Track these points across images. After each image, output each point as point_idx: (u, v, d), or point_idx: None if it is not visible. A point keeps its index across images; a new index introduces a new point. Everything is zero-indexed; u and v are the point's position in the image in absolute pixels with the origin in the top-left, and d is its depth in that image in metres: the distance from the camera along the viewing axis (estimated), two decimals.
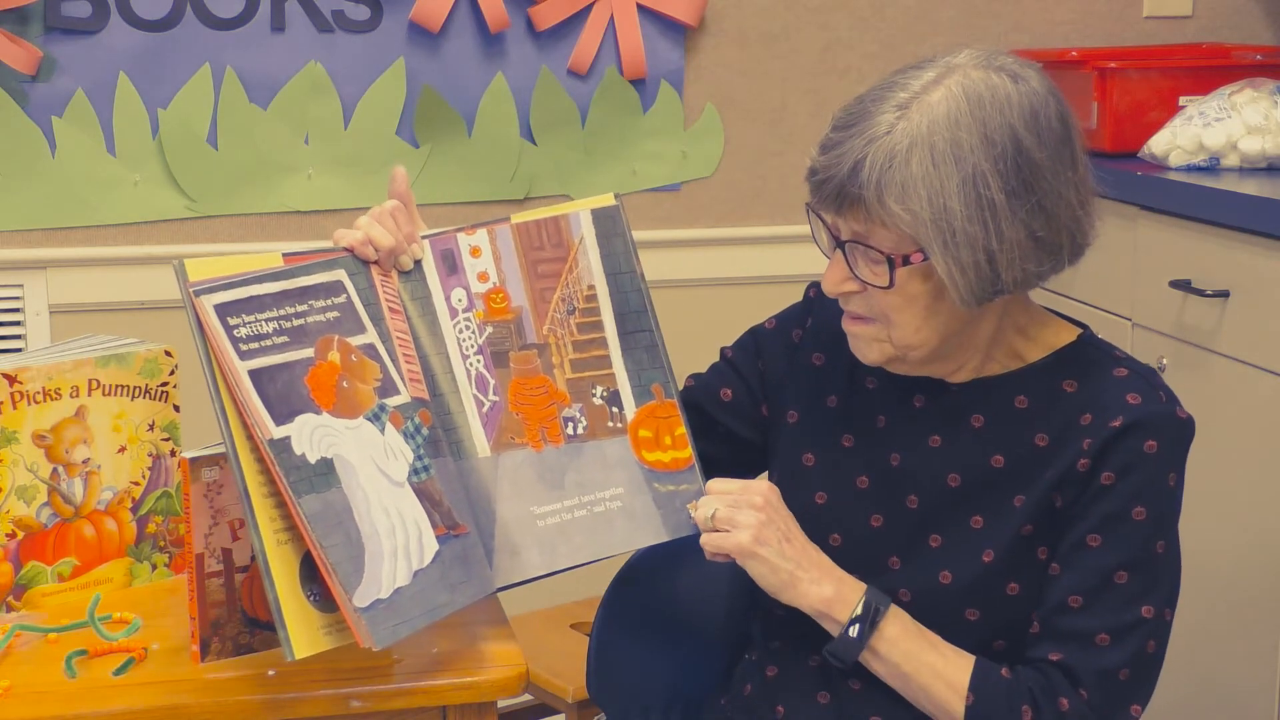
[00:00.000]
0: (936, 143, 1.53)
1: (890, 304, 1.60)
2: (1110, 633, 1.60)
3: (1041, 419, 1.66)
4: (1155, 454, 1.61)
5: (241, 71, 2.96)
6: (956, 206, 1.53)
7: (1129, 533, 1.60)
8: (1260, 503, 2.47)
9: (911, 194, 1.53)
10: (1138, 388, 1.64)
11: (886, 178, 1.53)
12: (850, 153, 1.55)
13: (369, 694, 1.59)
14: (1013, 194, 1.55)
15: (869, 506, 1.72)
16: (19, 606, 1.78)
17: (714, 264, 3.22)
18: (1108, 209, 2.86)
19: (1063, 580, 1.62)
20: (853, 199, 1.56)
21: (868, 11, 3.21)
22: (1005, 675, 1.62)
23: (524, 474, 1.68)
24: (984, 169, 1.54)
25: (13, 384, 1.75)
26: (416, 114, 3.03)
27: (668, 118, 3.15)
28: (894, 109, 1.55)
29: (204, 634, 1.64)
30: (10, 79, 2.87)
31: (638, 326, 1.74)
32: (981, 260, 1.56)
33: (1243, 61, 3.02)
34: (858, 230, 1.58)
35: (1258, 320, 2.48)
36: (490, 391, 1.69)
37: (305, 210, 3.04)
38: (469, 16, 3.03)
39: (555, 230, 1.74)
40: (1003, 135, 1.55)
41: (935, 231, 1.54)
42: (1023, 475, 1.65)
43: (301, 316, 1.59)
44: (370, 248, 1.67)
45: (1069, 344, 1.70)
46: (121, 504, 1.84)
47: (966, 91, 1.56)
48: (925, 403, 1.71)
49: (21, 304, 2.97)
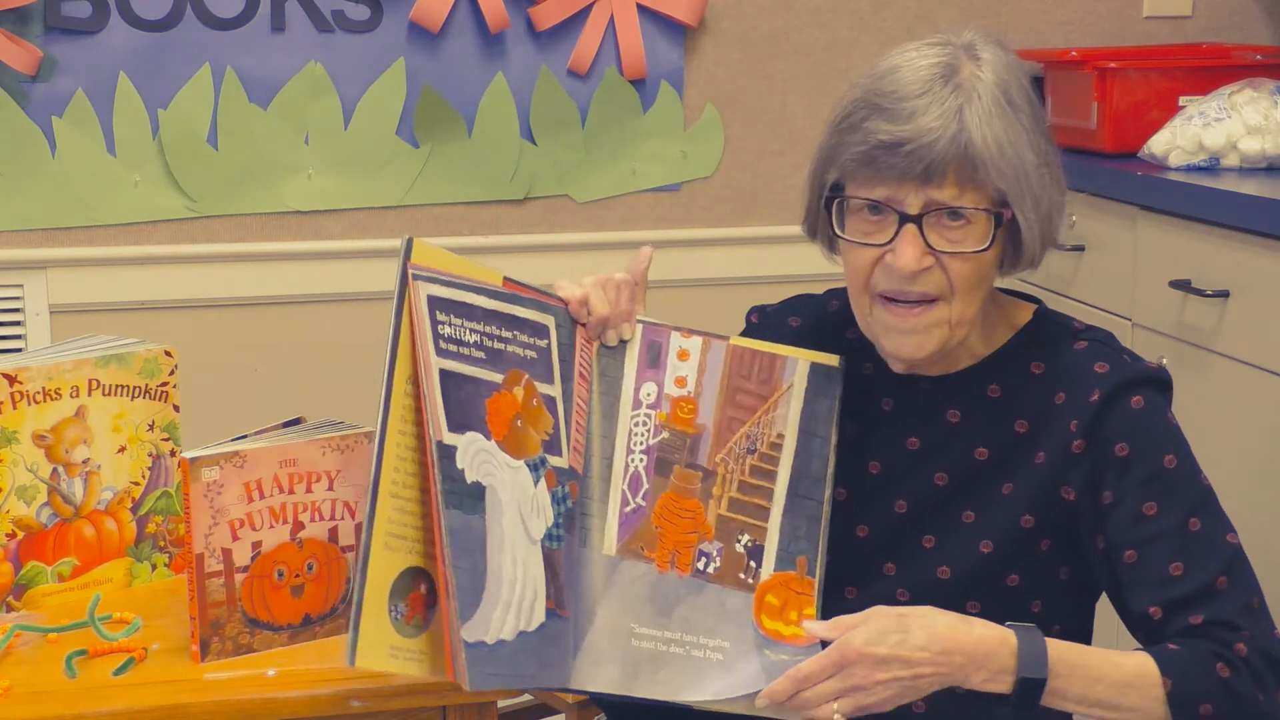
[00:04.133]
0: (999, 99, 1.56)
1: (971, 271, 1.58)
2: (1224, 574, 1.59)
3: (1017, 405, 1.66)
4: (1146, 407, 1.62)
5: (241, 71, 2.96)
6: (1029, 156, 1.57)
7: (1174, 483, 1.61)
8: (1260, 503, 2.47)
9: (1005, 145, 1.55)
10: (1102, 356, 1.65)
11: (989, 134, 1.54)
12: (947, 113, 1.54)
13: (369, 694, 1.59)
14: (1052, 147, 1.61)
15: (851, 518, 1.70)
16: (19, 606, 1.78)
17: (714, 264, 3.22)
18: (1108, 209, 2.87)
19: (1150, 558, 1.60)
20: (957, 160, 1.54)
21: (868, 11, 3.21)
22: (1174, 648, 1.56)
23: (638, 589, 1.61)
24: (1035, 121, 1.59)
25: (13, 384, 1.75)
26: (416, 114, 3.03)
27: (668, 118, 3.15)
28: (945, 75, 1.56)
29: (204, 634, 1.64)
30: (10, 79, 2.87)
31: (810, 494, 1.65)
32: (1047, 213, 1.60)
33: (1243, 61, 3.02)
34: (942, 197, 1.55)
35: (1258, 320, 2.48)
36: (640, 494, 1.63)
37: (305, 210, 3.04)
38: (469, 16, 3.03)
39: (769, 367, 1.67)
40: (1029, 98, 1.60)
41: (1025, 184, 1.56)
42: (1008, 463, 1.65)
43: (504, 343, 1.57)
44: (585, 309, 1.65)
45: (1029, 322, 1.70)
46: (121, 504, 1.84)
47: (995, 57, 1.59)
48: (895, 405, 1.70)
49: (21, 304, 2.97)
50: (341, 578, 1.72)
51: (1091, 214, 2.94)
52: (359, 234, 3.07)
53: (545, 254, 3.15)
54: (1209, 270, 2.57)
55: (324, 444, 1.70)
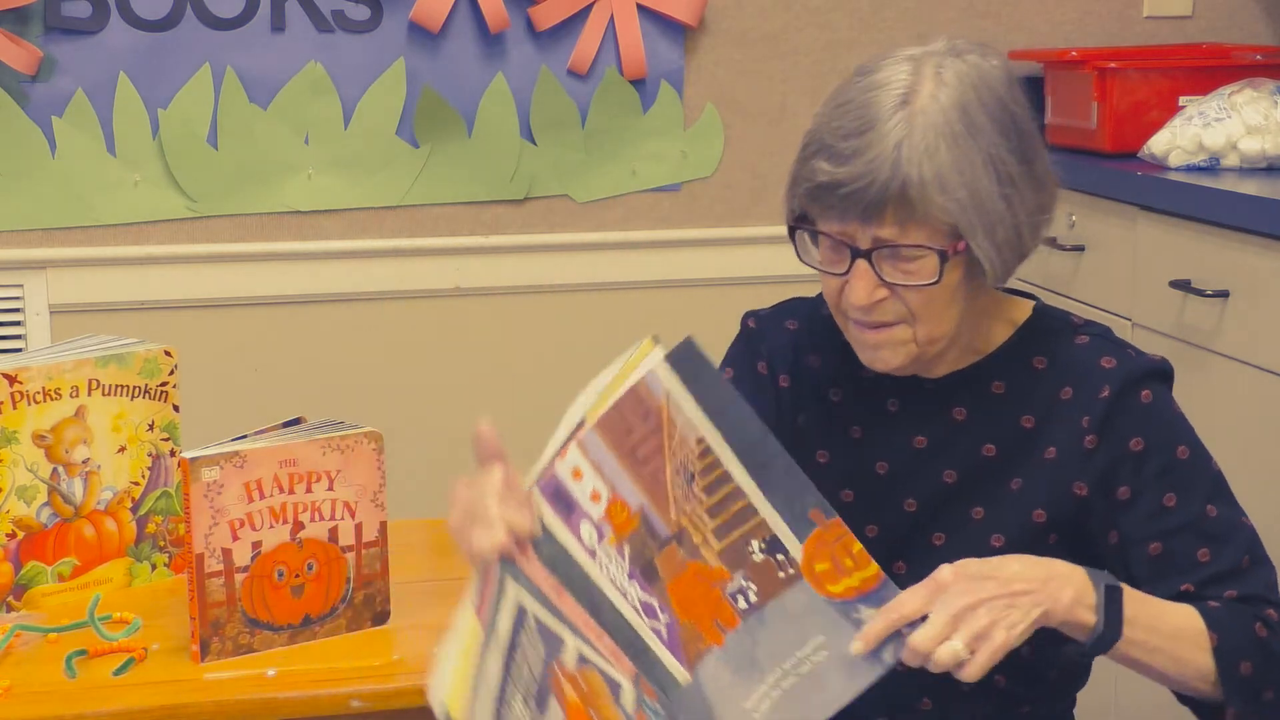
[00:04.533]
0: (955, 128, 1.53)
1: (928, 299, 1.57)
2: (1246, 554, 1.62)
3: (1022, 401, 1.66)
4: (1155, 400, 1.64)
5: (241, 71, 2.96)
6: (985, 184, 1.54)
7: (1190, 473, 1.63)
8: (1260, 503, 2.47)
9: (951, 184, 1.52)
10: (1106, 351, 1.66)
11: (928, 172, 1.51)
12: (883, 155, 1.52)
13: (369, 694, 1.59)
14: (1022, 162, 1.57)
15: (859, 519, 1.69)
16: (19, 606, 1.78)
17: (714, 264, 3.22)
18: (1108, 209, 2.87)
19: (1176, 548, 1.62)
20: (894, 202, 1.52)
21: (868, 11, 3.21)
22: (1215, 605, 1.58)
23: (721, 676, 1.49)
24: (996, 144, 1.55)
25: (13, 384, 1.75)
26: (416, 114, 3.03)
27: (668, 118, 3.15)
28: (902, 104, 1.54)
29: (204, 634, 1.64)
30: (10, 79, 2.87)
31: (766, 456, 1.48)
32: (1012, 235, 1.57)
33: (1243, 61, 3.02)
34: (887, 234, 1.54)
35: (1258, 320, 2.47)
36: (658, 612, 1.49)
37: (305, 210, 3.04)
38: (469, 16, 3.03)
39: (637, 403, 1.47)
40: (998, 109, 1.56)
41: (977, 216, 1.54)
42: (1016, 459, 1.66)
43: (528, 674, 1.45)
44: (513, 543, 1.47)
45: (1028, 318, 1.70)
46: (121, 504, 1.84)
47: (959, 75, 1.56)
48: (900, 406, 1.70)
49: (21, 304, 2.97)
50: (341, 578, 1.71)
51: (1091, 214, 2.94)
52: (359, 234, 3.07)
53: (545, 254, 3.15)
54: (1209, 270, 2.57)
55: (324, 444, 1.69)
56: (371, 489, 1.72)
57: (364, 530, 1.72)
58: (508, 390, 3.17)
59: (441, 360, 3.14)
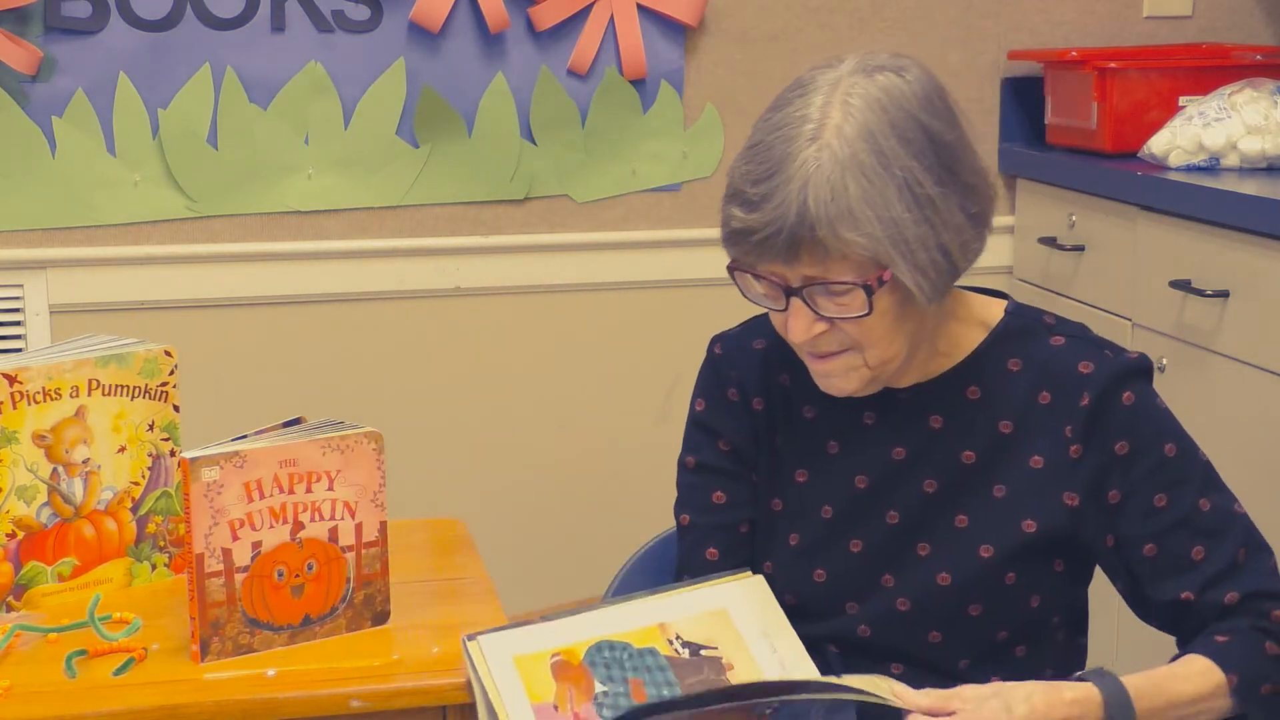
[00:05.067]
0: (863, 160, 1.51)
1: (866, 328, 1.57)
2: (1242, 546, 1.64)
3: (998, 405, 1.66)
4: (1137, 400, 1.63)
5: (241, 71, 2.96)
6: (902, 213, 1.52)
7: (1179, 470, 1.63)
8: (1260, 503, 2.47)
9: (862, 218, 1.50)
10: (1083, 354, 1.65)
11: (834, 211, 1.50)
12: (789, 200, 1.51)
13: (369, 694, 1.59)
14: (942, 182, 1.55)
15: (843, 534, 1.70)
16: (19, 606, 1.78)
17: (714, 264, 3.18)
18: (1108, 209, 2.87)
19: (1171, 547, 1.63)
20: (807, 243, 1.51)
21: (868, 11, 3.21)
22: (1227, 639, 1.60)
23: None
24: (911, 168, 1.53)
25: (13, 384, 1.75)
26: (416, 114, 3.03)
27: (668, 118, 3.15)
28: (807, 141, 1.52)
29: (204, 634, 1.64)
30: (10, 79, 2.87)
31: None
32: (937, 256, 1.55)
33: (1243, 61, 3.02)
34: (812, 273, 1.54)
35: (1258, 320, 2.48)
36: None
37: (305, 210, 3.04)
38: (469, 16, 3.03)
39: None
40: (914, 130, 1.54)
41: (893, 246, 1.52)
42: (996, 464, 1.66)
43: None
44: None
45: (1001, 320, 1.69)
46: (121, 504, 1.84)
47: (866, 101, 1.53)
48: (876, 418, 1.69)
49: (21, 304, 2.97)
50: (341, 578, 1.71)
51: (1091, 214, 2.94)
52: (359, 234, 3.07)
53: (545, 254, 3.15)
54: (1209, 270, 2.57)
55: (324, 444, 1.69)
56: (371, 489, 1.72)
57: (364, 530, 1.72)
58: (508, 390, 3.17)
59: (441, 360, 3.14)
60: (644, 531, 1.99)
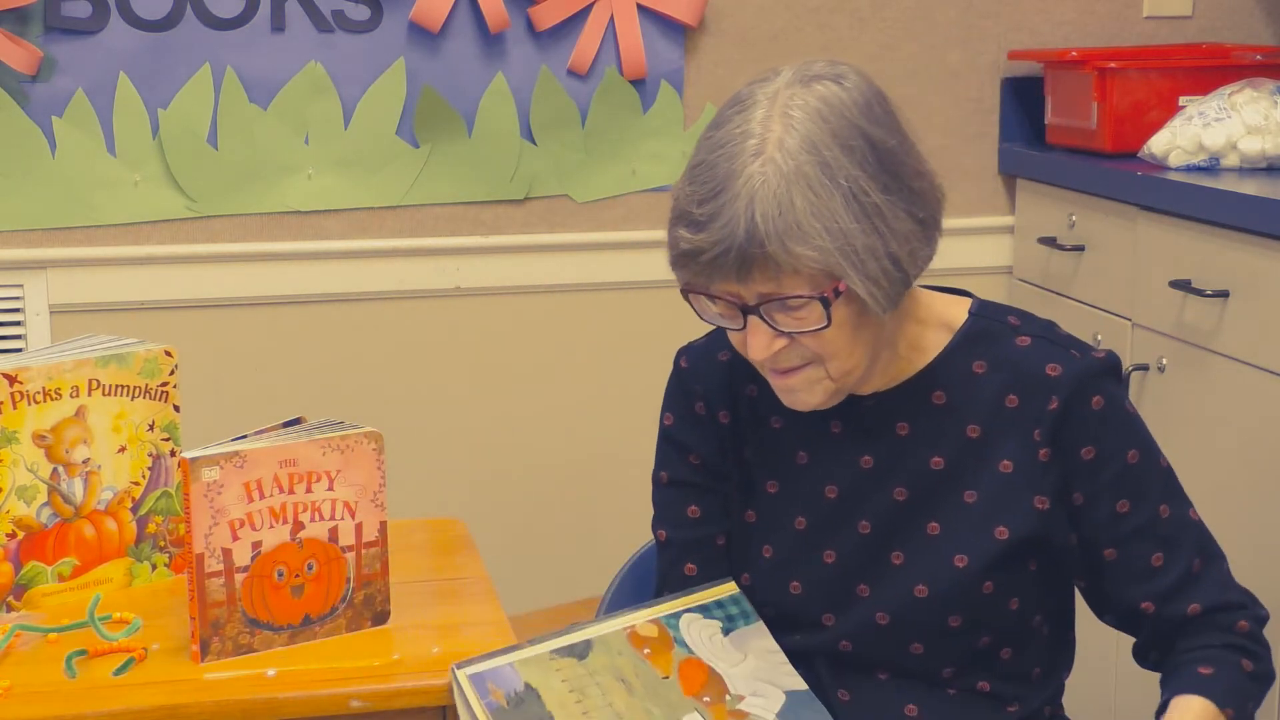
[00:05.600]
0: (808, 172, 1.49)
1: (826, 341, 1.55)
2: (1197, 554, 1.65)
3: (964, 409, 1.65)
4: (1106, 404, 1.63)
5: (241, 71, 2.96)
6: (849, 223, 1.50)
7: (1140, 477, 1.63)
8: (1260, 503, 2.47)
9: (810, 231, 1.49)
10: (1050, 356, 1.64)
11: (783, 226, 1.48)
12: (736, 218, 1.49)
13: (369, 694, 1.59)
14: (887, 190, 1.53)
15: (816, 545, 1.69)
16: (19, 606, 1.78)
17: None
18: (1108, 209, 2.87)
19: (1130, 554, 1.64)
20: (758, 260, 1.50)
21: (868, 11, 3.21)
22: (1210, 671, 1.62)
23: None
24: (856, 177, 1.51)
25: (13, 384, 1.75)
26: (416, 114, 3.03)
27: (668, 118, 3.15)
28: (751, 157, 1.50)
29: (204, 634, 1.64)
30: (10, 79, 2.87)
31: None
32: (888, 265, 1.53)
33: (1243, 61, 3.02)
34: (767, 290, 1.52)
35: (1258, 320, 2.48)
36: None
37: (305, 210, 3.04)
38: (469, 16, 3.03)
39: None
40: (857, 138, 1.52)
41: (843, 257, 1.50)
42: (965, 470, 1.65)
43: None
44: None
45: (965, 321, 1.68)
46: (121, 504, 1.84)
47: (806, 113, 1.51)
48: (843, 427, 1.68)
49: (21, 304, 2.97)
50: (341, 578, 1.71)
51: (1091, 214, 2.94)
52: (359, 234, 3.07)
53: (545, 254, 3.15)
54: (1209, 270, 2.57)
55: (324, 444, 1.69)
56: (371, 489, 1.72)
57: (364, 530, 1.72)
58: (508, 390, 3.17)
59: (441, 360, 3.14)
60: (644, 531, 1.98)
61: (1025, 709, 1.70)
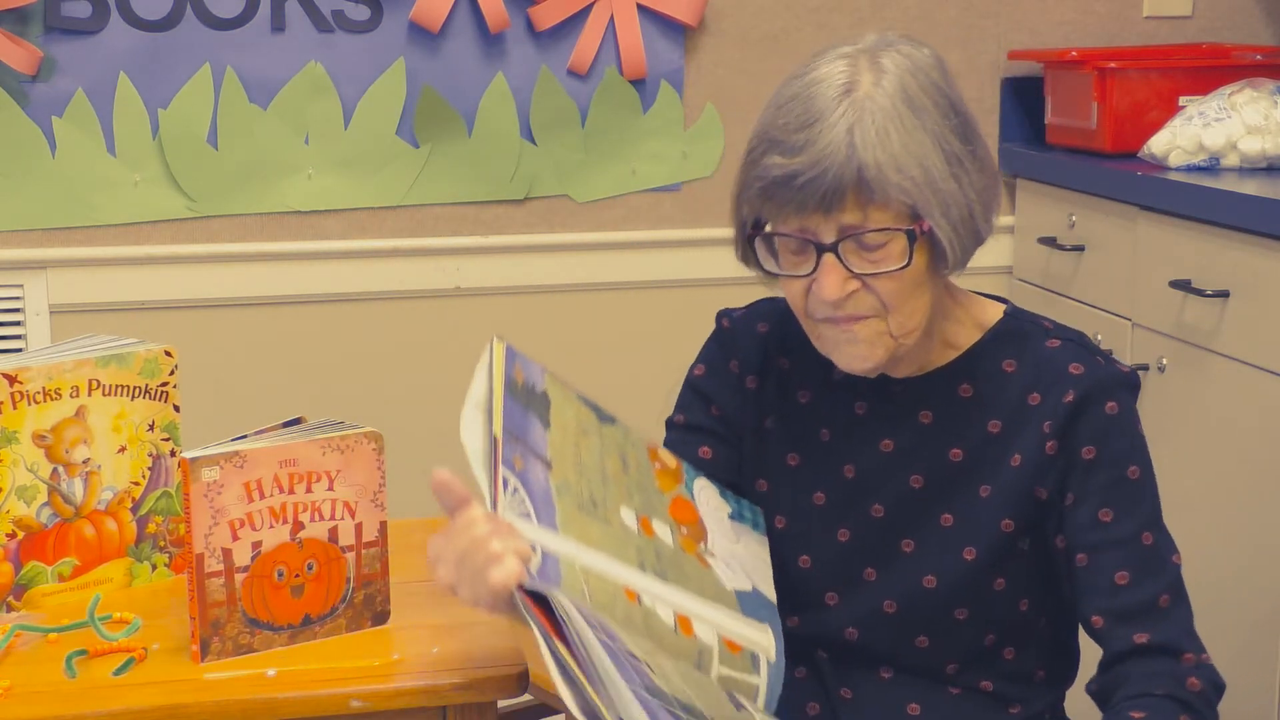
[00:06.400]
0: (901, 110, 1.54)
1: (899, 287, 1.57)
2: (1167, 592, 1.61)
3: (989, 404, 1.65)
4: (1119, 414, 1.62)
5: (241, 71, 2.96)
6: (937, 163, 1.54)
7: (1134, 494, 1.62)
8: (1260, 503, 2.47)
9: (905, 163, 1.52)
10: (1076, 357, 1.64)
11: (881, 154, 1.51)
12: (836, 142, 1.51)
13: (369, 694, 1.59)
14: (965, 143, 1.58)
15: (832, 522, 1.70)
16: (19, 606, 1.78)
17: (714, 264, 3.21)
18: (1108, 209, 2.87)
19: (1099, 564, 1.61)
20: (853, 187, 1.52)
21: (868, 12, 3.21)
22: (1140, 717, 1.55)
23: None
24: (942, 127, 1.56)
25: (13, 384, 1.75)
26: (416, 114, 3.03)
27: (668, 118, 3.15)
28: (845, 93, 1.54)
29: (204, 634, 1.64)
30: (10, 79, 2.87)
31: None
32: (966, 215, 1.57)
33: (1243, 61, 3.02)
34: (850, 221, 1.53)
35: (1258, 320, 2.48)
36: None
37: (305, 210, 3.04)
38: (469, 16, 3.03)
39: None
40: (939, 95, 1.58)
41: (932, 194, 1.54)
42: (983, 464, 1.65)
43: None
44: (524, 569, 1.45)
45: (999, 320, 1.69)
46: (121, 504, 1.84)
47: (895, 64, 1.57)
48: (868, 409, 1.69)
49: (21, 304, 2.97)
50: (341, 578, 1.71)
51: (1091, 214, 2.94)
52: (359, 234, 3.07)
53: (545, 254, 3.15)
54: (1209, 270, 2.57)
55: (324, 444, 1.69)
56: (371, 489, 1.72)
57: (364, 530, 1.72)
58: None
59: (441, 360, 3.14)
60: None
61: (1027, 711, 1.70)
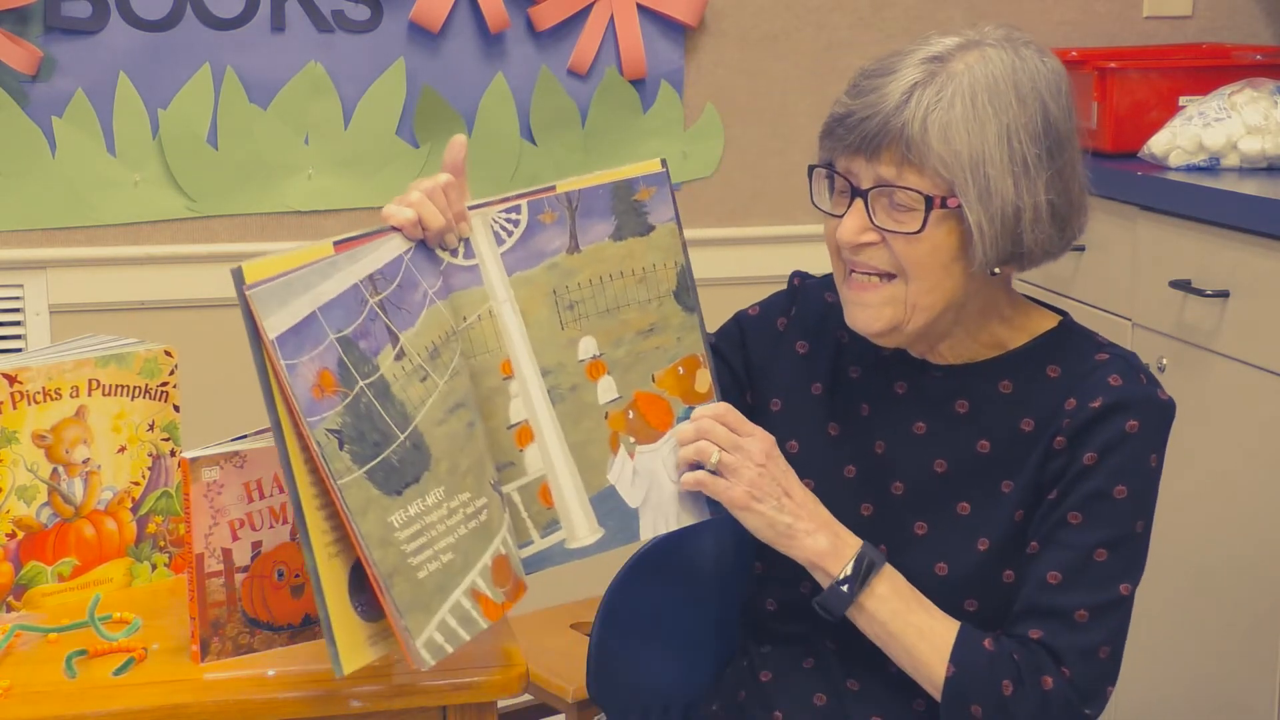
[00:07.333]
0: (977, 92, 1.56)
1: (914, 254, 1.59)
2: (1090, 610, 1.60)
3: (1026, 404, 1.66)
4: (1137, 434, 1.61)
5: (241, 71, 2.96)
6: (994, 153, 1.55)
7: (1110, 511, 1.61)
8: (1260, 503, 2.47)
9: (954, 133, 1.55)
10: (1120, 370, 1.64)
11: (932, 115, 1.54)
12: (894, 91, 1.56)
13: (369, 694, 1.59)
14: (1041, 155, 1.58)
15: (858, 496, 1.71)
16: (19, 606, 1.78)
17: (714, 264, 3.22)
18: (1108, 209, 2.87)
19: (1043, 557, 1.62)
20: (893, 136, 1.55)
21: (868, 11, 3.22)
22: (988, 647, 1.60)
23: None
24: (1019, 124, 1.57)
25: (13, 384, 1.75)
26: (416, 114, 3.03)
27: (668, 118, 3.15)
28: (926, 60, 1.58)
29: (204, 634, 1.64)
30: (10, 79, 2.87)
31: None
32: (1009, 215, 1.57)
33: (1243, 61, 3.02)
34: (886, 174, 1.57)
35: (1258, 320, 2.48)
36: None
37: (305, 210, 3.04)
38: (469, 16, 3.03)
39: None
40: (1033, 100, 1.58)
41: (972, 175, 1.55)
42: (1010, 460, 1.66)
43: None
44: (419, 228, 1.66)
45: (1050, 330, 1.70)
46: (121, 504, 1.84)
47: (1001, 58, 1.59)
48: (907, 389, 1.71)
49: (21, 304, 2.97)
50: None
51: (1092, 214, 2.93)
52: None
53: None
54: (1209, 270, 2.57)
55: None
56: None
57: None
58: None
59: None
60: None
61: None
